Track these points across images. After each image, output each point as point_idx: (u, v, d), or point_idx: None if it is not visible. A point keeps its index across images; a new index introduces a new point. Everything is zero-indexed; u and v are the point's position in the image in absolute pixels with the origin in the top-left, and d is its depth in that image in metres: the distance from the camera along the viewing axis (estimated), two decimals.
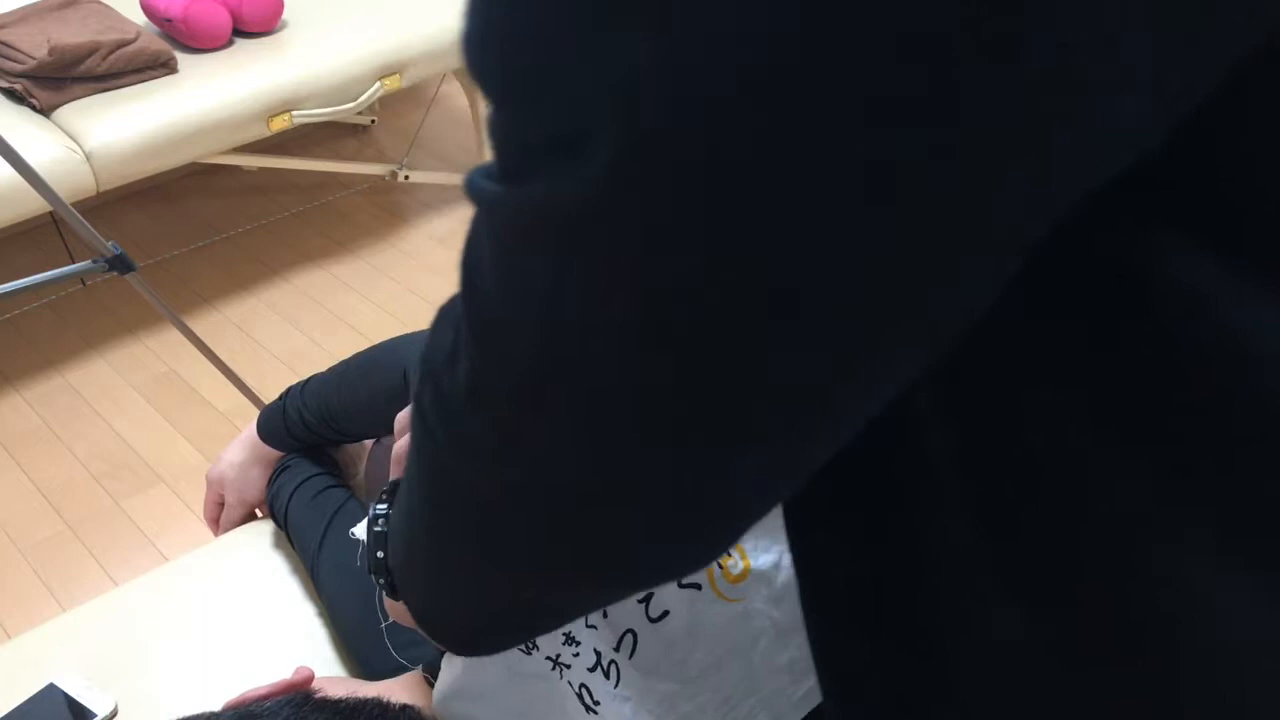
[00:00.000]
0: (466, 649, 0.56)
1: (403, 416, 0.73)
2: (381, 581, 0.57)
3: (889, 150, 0.25)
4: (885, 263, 0.27)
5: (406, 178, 2.57)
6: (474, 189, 0.32)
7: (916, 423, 0.35)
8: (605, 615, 0.64)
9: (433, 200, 2.66)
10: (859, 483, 0.39)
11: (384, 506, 0.58)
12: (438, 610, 0.51)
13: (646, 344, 0.30)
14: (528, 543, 0.39)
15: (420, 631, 0.54)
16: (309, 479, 1.06)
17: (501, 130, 0.30)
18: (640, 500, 0.35)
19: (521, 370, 0.33)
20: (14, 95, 2.06)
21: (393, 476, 0.69)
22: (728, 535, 0.37)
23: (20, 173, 1.41)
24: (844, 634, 0.45)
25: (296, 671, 0.76)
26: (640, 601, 0.64)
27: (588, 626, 0.64)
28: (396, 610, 0.65)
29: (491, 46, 0.29)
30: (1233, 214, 0.28)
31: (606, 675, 0.64)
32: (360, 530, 0.81)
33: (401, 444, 0.72)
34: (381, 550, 0.57)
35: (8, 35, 2.06)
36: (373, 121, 2.94)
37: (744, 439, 0.32)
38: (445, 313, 0.39)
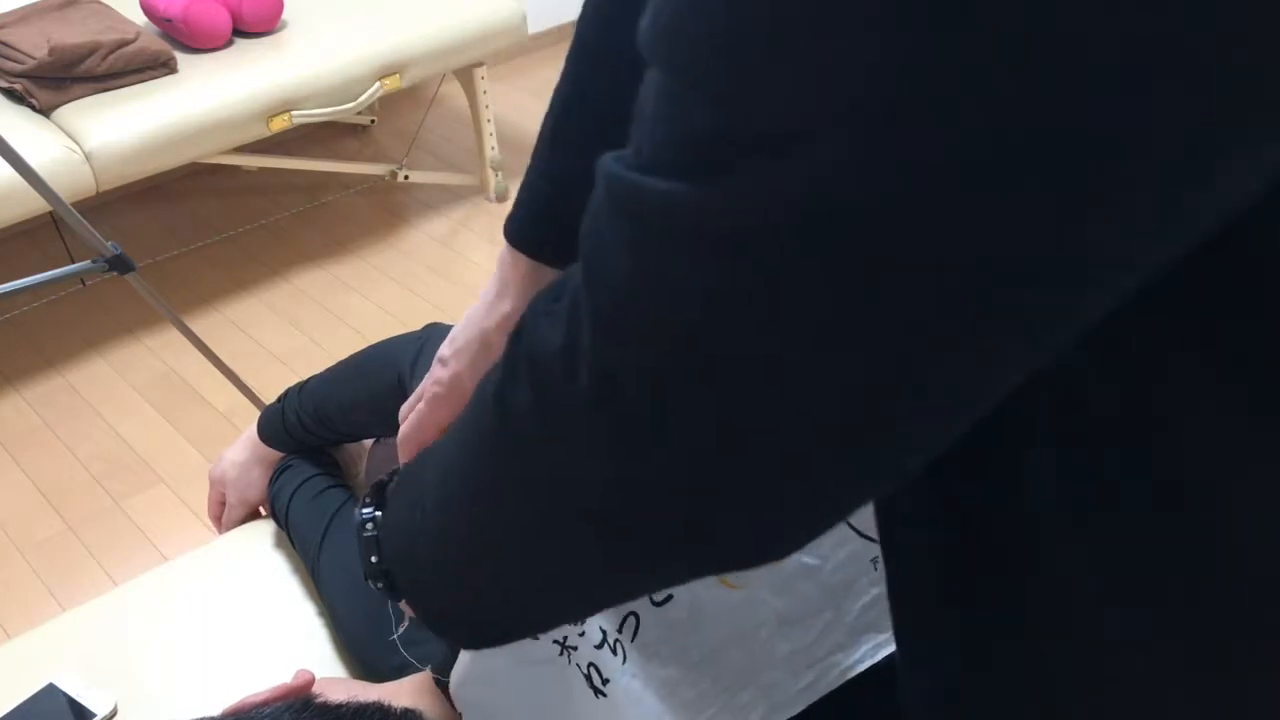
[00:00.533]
0: (489, 642, 0.55)
1: (407, 409, 0.73)
2: (379, 585, 0.57)
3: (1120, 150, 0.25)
4: (1088, 264, 0.27)
5: (406, 178, 2.57)
6: (617, 179, 0.31)
7: (1021, 423, 0.35)
8: None
9: (433, 200, 2.66)
10: (957, 483, 0.39)
11: (369, 510, 0.57)
12: (468, 608, 0.50)
13: (820, 350, 0.29)
14: (645, 538, 0.38)
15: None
16: (310, 479, 1.06)
17: (687, 122, 0.29)
18: (768, 497, 0.35)
19: (668, 370, 0.32)
20: (14, 95, 2.06)
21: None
22: (835, 521, 0.37)
23: (20, 173, 1.41)
24: (920, 609, 0.45)
25: (297, 675, 0.76)
26: None
27: None
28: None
29: (695, 35, 0.28)
30: None
31: (614, 652, 0.64)
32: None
33: (407, 435, 0.73)
34: (374, 555, 0.56)
35: (8, 35, 2.06)
36: (373, 121, 2.93)
37: (880, 441, 0.32)
38: (547, 311, 0.37)
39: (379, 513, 0.57)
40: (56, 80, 2.03)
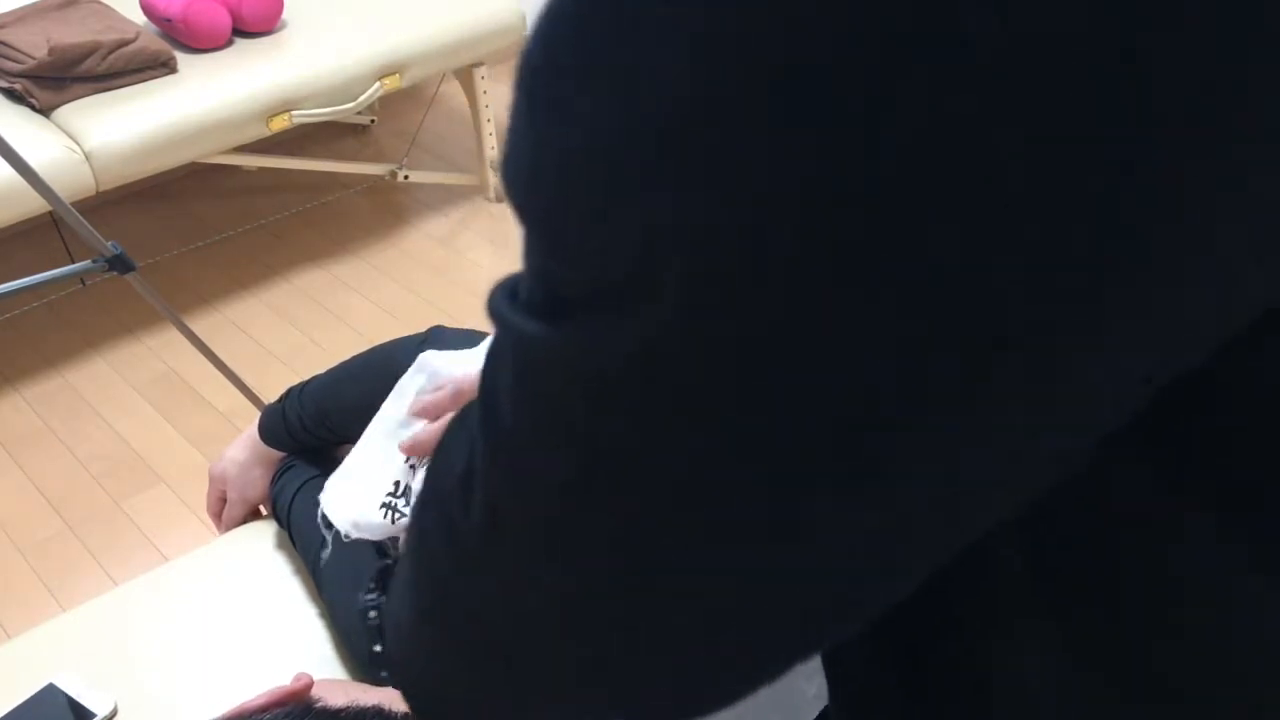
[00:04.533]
0: None
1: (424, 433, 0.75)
2: (383, 675, 0.55)
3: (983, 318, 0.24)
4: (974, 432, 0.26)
5: (406, 178, 2.57)
6: (500, 317, 0.31)
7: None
8: None
9: (433, 200, 2.66)
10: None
11: (373, 596, 0.56)
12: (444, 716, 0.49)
13: (688, 491, 0.29)
14: (549, 675, 0.37)
15: None
16: (312, 479, 1.06)
17: (542, 266, 0.28)
18: (666, 641, 0.33)
19: (549, 507, 0.32)
20: (14, 95, 2.06)
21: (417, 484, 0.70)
22: (749, 684, 0.35)
23: (20, 173, 1.41)
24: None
25: (295, 679, 0.76)
26: None
27: None
28: None
29: (540, 177, 0.27)
30: None
31: None
32: (325, 497, 0.82)
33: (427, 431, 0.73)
34: (378, 644, 0.55)
35: (8, 35, 2.06)
36: (372, 121, 2.93)
37: (776, 595, 0.31)
38: (456, 432, 0.37)
39: (384, 601, 0.56)
40: (56, 80, 2.03)
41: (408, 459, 0.77)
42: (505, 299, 0.31)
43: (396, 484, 0.77)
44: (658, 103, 0.24)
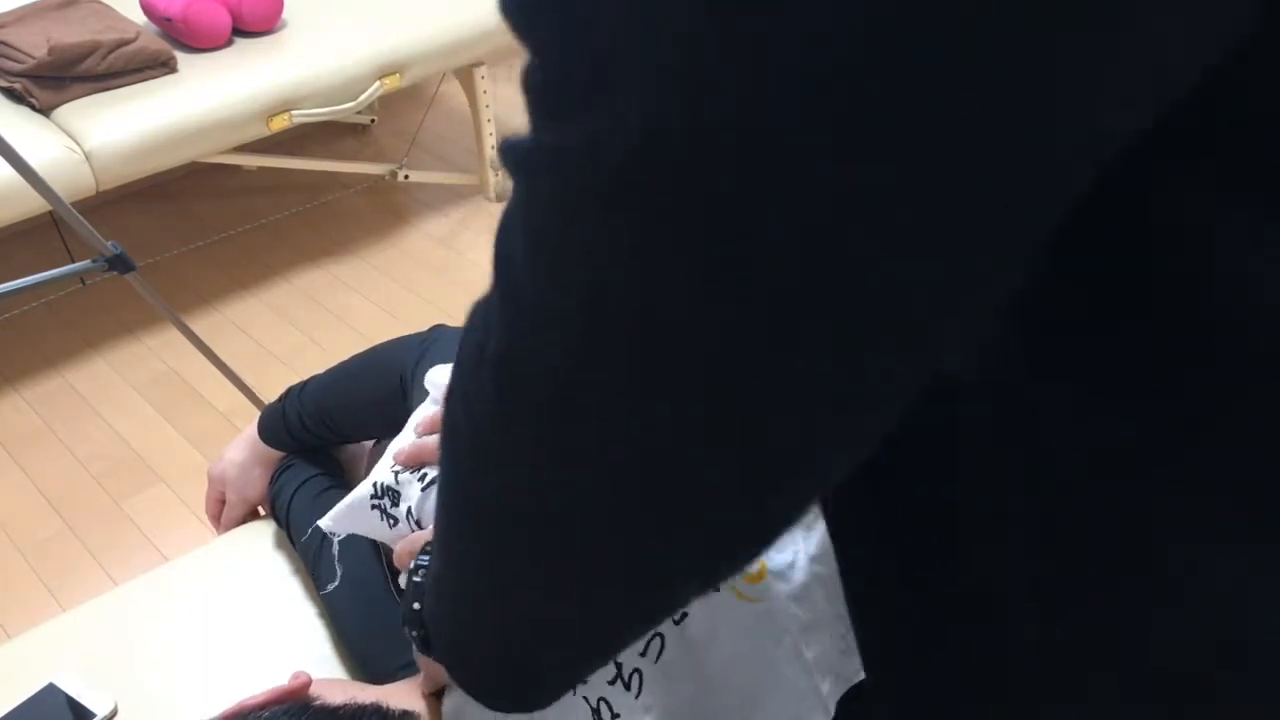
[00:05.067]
0: (511, 703, 0.50)
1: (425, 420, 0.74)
2: (414, 634, 0.56)
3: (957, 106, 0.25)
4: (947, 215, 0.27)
5: (406, 177, 2.57)
6: (509, 149, 0.32)
7: (948, 402, 0.35)
8: None
9: (433, 200, 2.66)
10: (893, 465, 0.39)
11: (426, 558, 0.56)
12: (472, 657, 0.48)
13: (682, 334, 0.29)
14: (567, 547, 0.37)
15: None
16: (311, 479, 1.06)
17: (538, 81, 0.30)
18: (680, 492, 0.34)
19: (558, 353, 0.32)
20: (14, 95, 2.06)
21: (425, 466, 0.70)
22: (770, 528, 0.36)
23: (20, 172, 1.41)
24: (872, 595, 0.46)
25: (294, 677, 0.76)
26: None
27: None
28: (430, 668, 0.64)
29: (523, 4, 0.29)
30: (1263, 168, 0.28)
31: (628, 686, 0.63)
32: (325, 521, 0.82)
33: (424, 440, 0.73)
34: (418, 601, 0.55)
35: (8, 35, 2.06)
36: (372, 121, 2.93)
37: (786, 420, 0.31)
38: (473, 316, 0.38)
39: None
40: (56, 80, 2.03)
41: (393, 465, 0.76)
42: (513, 137, 0.32)
43: (375, 485, 0.77)
44: None
